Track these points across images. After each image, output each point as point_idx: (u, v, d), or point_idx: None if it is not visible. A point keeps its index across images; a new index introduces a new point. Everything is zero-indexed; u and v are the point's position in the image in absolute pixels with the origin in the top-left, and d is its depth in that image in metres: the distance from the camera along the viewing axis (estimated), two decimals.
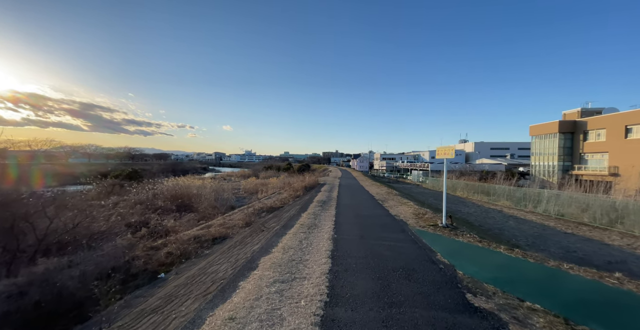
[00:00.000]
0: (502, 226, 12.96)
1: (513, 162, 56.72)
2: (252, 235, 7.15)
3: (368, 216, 9.14)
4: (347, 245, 5.58)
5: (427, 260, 4.79)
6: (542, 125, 38.61)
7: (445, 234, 6.70)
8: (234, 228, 10.02)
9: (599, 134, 32.33)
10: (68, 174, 42.63)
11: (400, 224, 7.90)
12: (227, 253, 5.99)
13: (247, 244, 6.14)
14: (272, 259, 4.70)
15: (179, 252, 7.87)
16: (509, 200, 20.70)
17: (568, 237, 11.17)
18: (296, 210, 9.55)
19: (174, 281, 5.32)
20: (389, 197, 14.50)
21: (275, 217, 9.56)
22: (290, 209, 10.91)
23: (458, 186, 28.95)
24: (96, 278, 5.82)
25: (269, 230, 6.98)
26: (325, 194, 15.31)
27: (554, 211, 16.19)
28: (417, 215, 9.15)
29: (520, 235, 11.30)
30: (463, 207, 19.18)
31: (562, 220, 14.48)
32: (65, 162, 78.72)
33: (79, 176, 34.82)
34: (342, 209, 10.27)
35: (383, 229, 7.23)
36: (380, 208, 10.98)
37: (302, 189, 18.05)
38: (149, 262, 7.33)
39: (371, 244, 5.73)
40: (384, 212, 10.06)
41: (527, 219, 14.87)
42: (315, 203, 11.52)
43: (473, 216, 15.60)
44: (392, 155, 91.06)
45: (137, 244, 8.54)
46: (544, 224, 13.50)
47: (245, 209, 13.39)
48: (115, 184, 25.36)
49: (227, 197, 21.43)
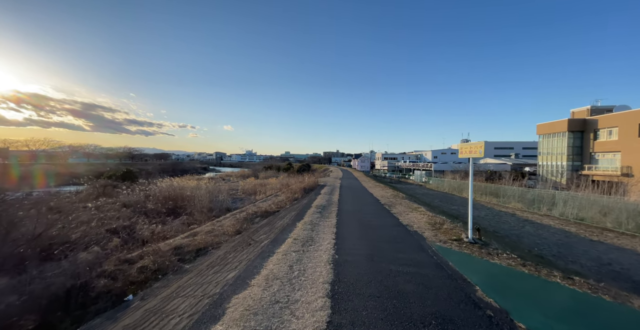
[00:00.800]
0: (519, 232, 11.83)
1: (518, 161, 55.43)
2: (237, 250, 6.07)
3: (375, 227, 7.65)
4: (353, 273, 4.22)
5: (467, 301, 3.42)
6: (550, 124, 37.36)
7: (476, 253, 5.35)
8: (222, 236, 8.95)
9: (611, 132, 31.08)
10: (68, 174, 41.74)
11: (416, 238, 6.50)
12: (203, 275, 4.91)
13: (227, 263, 5.04)
14: (247, 301, 3.33)
15: (155, 267, 6.80)
16: (521, 202, 19.54)
17: (595, 246, 10.03)
18: (291, 218, 8.39)
19: (133, 313, 4.25)
20: (396, 201, 13.12)
21: (268, 225, 8.48)
22: (286, 214, 9.82)
23: (464, 187, 27.80)
24: (44, 305, 4.76)
25: (256, 245, 5.88)
26: (326, 197, 14.11)
27: (572, 215, 15.05)
28: (433, 226, 7.74)
29: (542, 243, 10.17)
30: (473, 210, 18.03)
31: (583, 226, 13.33)
32: (65, 162, 77.98)
33: (79, 176, 34.00)
34: (344, 217, 8.93)
35: (396, 245, 5.85)
36: (388, 215, 9.63)
37: (300, 191, 16.96)
38: (119, 279, 6.27)
39: (384, 271, 4.33)
40: (393, 220, 8.62)
41: (544, 223, 13.72)
42: (314, 208, 10.25)
43: (485, 220, 14.47)
44: (394, 155, 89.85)
45: (110, 255, 7.47)
46: (565, 230, 12.36)
47: (237, 213, 12.32)
48: (107, 184, 24.35)
49: (223, 199, 20.38)
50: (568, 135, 34.43)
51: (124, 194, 20.07)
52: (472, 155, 5.55)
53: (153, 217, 16.28)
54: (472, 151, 5.56)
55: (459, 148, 5.80)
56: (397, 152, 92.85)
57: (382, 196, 14.85)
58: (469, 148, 5.56)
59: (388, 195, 15.36)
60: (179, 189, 21.63)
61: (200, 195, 19.24)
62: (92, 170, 40.36)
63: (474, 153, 5.50)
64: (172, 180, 27.00)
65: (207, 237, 8.78)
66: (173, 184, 24.01)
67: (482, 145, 5.25)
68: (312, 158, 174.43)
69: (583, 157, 33.96)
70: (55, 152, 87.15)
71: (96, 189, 23.71)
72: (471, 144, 5.61)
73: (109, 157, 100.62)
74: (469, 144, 5.59)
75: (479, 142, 5.21)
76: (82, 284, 5.43)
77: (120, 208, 15.80)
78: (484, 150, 5.20)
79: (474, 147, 5.55)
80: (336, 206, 11.08)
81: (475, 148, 5.47)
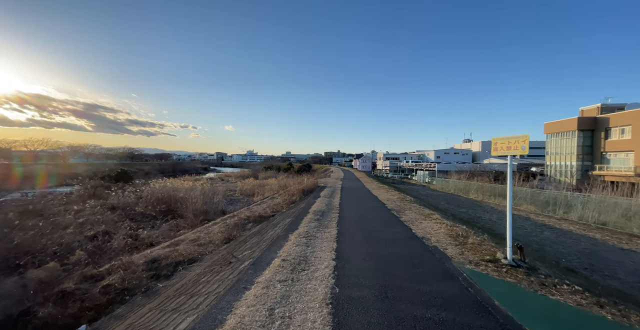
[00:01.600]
0: (538, 239, 10.72)
1: (524, 161, 54.15)
2: (213, 271, 5.00)
3: (385, 241, 6.19)
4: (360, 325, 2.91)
5: None
6: (558, 123, 36.12)
7: (524, 283, 3.95)
8: (208, 246, 7.91)
9: (624, 131, 29.82)
10: (69, 175, 40.96)
11: (439, 258, 5.08)
12: (163, 309, 3.86)
13: (195, 294, 3.94)
14: None
15: (122, 286, 5.76)
16: (533, 204, 18.40)
17: (630, 256, 8.91)
18: (285, 226, 7.25)
19: None
20: (405, 206, 11.66)
21: (258, 235, 7.42)
22: (280, 221, 8.72)
23: (471, 188, 26.65)
24: None
25: (236, 265, 4.76)
26: (325, 200, 12.91)
27: (592, 218, 13.91)
28: (455, 239, 6.27)
29: (568, 253, 9.06)
30: (482, 212, 16.92)
31: (607, 231, 12.20)
32: (66, 162, 77.38)
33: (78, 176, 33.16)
34: (346, 227, 7.52)
35: (415, 270, 4.46)
36: (397, 224, 8.16)
37: (298, 193, 15.90)
38: (76, 302, 5.23)
39: (406, 320, 3.00)
40: (405, 231, 7.12)
41: (564, 228, 12.59)
42: (311, 215, 8.97)
43: (498, 225, 13.36)
44: (396, 155, 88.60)
45: (73, 271, 6.44)
46: (589, 236, 11.23)
47: (229, 218, 11.28)
48: (98, 185, 23.37)
49: (218, 201, 19.37)
50: (578, 134, 33.19)
51: (114, 196, 19.09)
52: (512, 152, 4.22)
53: (141, 220, 15.30)
54: (512, 147, 4.17)
55: (493, 143, 4.57)
56: (399, 152, 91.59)
57: (387, 199, 13.64)
58: (507, 143, 4.27)
59: (394, 198, 14.14)
60: (172, 190, 20.65)
61: (194, 197, 18.19)
62: (90, 171, 39.53)
63: (514, 149, 4.15)
64: (166, 181, 26.01)
65: (190, 247, 7.73)
66: (167, 185, 23.02)
67: (526, 139, 3.93)
68: (313, 158, 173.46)
69: (594, 157, 32.71)
70: (56, 152, 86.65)
71: (87, 190, 22.76)
72: (510, 137, 4.24)
73: (109, 158, 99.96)
74: (506, 137, 4.34)
75: (522, 135, 3.98)
76: (22, 312, 4.39)
77: (105, 211, 14.77)
78: (528, 146, 4.00)
79: (514, 141, 4.16)
80: (337, 212, 9.80)
81: (516, 142, 4.12)
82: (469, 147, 76.27)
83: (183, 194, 19.18)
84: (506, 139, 4.38)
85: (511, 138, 4.18)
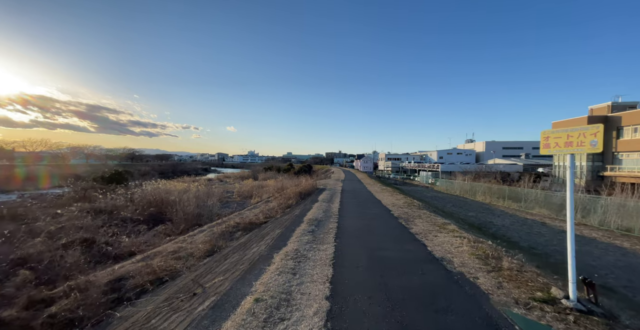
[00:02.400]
0: (561, 249, 9.62)
1: (529, 162, 52.88)
2: (171, 306, 3.98)
3: (396, 266, 4.77)
4: None
5: None
6: (566, 122, 34.89)
7: None
8: (187, 259, 6.90)
9: (636, 130, 28.60)
10: (71, 175, 40.20)
11: (471, 295, 3.68)
12: None
13: None
14: None
15: (70, 315, 4.75)
16: (546, 207, 17.27)
17: None
18: (270, 243, 6.10)
19: None
20: (413, 213, 10.34)
21: (242, 249, 6.38)
22: (269, 231, 7.67)
23: (478, 190, 25.53)
24: None
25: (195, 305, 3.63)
26: (324, 205, 11.76)
27: (614, 224, 12.80)
28: (484, 261, 4.88)
29: (599, 266, 7.98)
30: (493, 217, 15.82)
31: (635, 238, 11.09)
32: (67, 163, 77.00)
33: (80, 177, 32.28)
34: (345, 242, 6.22)
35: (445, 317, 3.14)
36: (409, 239, 6.65)
37: (295, 196, 14.87)
38: None
39: None
40: (419, 250, 5.71)
41: (587, 235, 11.49)
42: (305, 225, 7.85)
43: (512, 231, 12.28)
44: (398, 155, 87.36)
45: (19, 293, 5.44)
46: (616, 245, 10.13)
47: (216, 226, 10.26)
48: (89, 187, 22.45)
49: (212, 204, 18.38)
50: None
51: (101, 198, 18.16)
52: (576, 150, 2.99)
53: (128, 226, 14.33)
54: (575, 142, 2.96)
55: (543, 137, 3.32)
56: (401, 153, 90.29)
57: (392, 204, 12.44)
58: (566, 137, 3.06)
59: (400, 203, 12.92)
60: (165, 192, 19.68)
61: (186, 200, 17.22)
62: (91, 171, 38.73)
63: (578, 145, 2.94)
64: (159, 183, 25.07)
65: (166, 261, 6.72)
66: (159, 187, 22.06)
67: (597, 131, 2.78)
68: (314, 159, 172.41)
69: (604, 157, 31.49)
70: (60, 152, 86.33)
71: (77, 192, 21.86)
72: (572, 130, 3.04)
73: (110, 158, 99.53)
74: (564, 130, 3.12)
75: (592, 126, 2.73)
76: None
77: (88, 215, 13.80)
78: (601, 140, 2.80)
79: (577, 135, 2.96)
80: (335, 221, 8.52)
81: (580, 136, 2.92)
82: (472, 148, 75.02)
83: (175, 197, 18.22)
84: (564, 132, 3.15)
85: (572, 130, 3.00)
